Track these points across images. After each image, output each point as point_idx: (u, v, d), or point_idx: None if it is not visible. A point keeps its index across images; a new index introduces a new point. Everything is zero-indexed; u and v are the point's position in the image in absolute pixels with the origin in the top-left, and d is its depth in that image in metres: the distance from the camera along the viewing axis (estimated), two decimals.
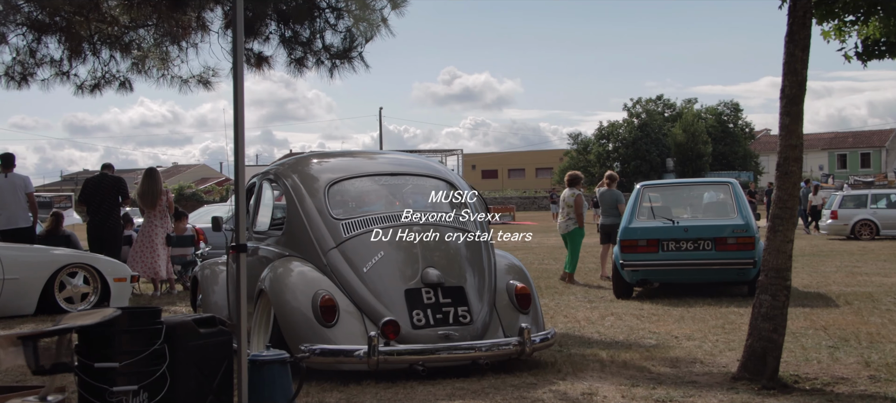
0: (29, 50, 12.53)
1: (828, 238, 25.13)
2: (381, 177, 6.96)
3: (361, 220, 6.31)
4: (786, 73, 5.72)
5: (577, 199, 13.58)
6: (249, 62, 13.15)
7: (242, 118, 4.51)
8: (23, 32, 12.20)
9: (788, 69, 5.71)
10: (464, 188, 7.00)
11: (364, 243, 6.16)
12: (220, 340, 4.67)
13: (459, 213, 6.70)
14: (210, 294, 7.92)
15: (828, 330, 8.26)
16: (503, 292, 6.35)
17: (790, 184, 5.72)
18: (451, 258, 6.27)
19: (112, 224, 12.79)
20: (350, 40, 12.24)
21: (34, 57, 12.67)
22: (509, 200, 64.99)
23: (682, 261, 11.14)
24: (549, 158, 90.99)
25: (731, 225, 11.07)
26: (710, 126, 75.02)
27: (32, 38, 12.41)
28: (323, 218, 6.32)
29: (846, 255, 18.41)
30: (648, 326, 8.76)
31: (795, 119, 5.72)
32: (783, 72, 5.73)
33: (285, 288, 6.04)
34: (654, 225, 11.40)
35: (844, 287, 12.18)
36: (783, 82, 5.74)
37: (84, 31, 12.43)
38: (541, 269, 16.33)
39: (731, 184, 12.01)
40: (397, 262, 6.10)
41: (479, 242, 6.54)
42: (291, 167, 7.03)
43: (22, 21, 12.05)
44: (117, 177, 13.29)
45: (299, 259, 6.33)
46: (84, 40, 12.73)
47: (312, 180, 6.64)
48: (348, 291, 5.97)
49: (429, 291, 5.97)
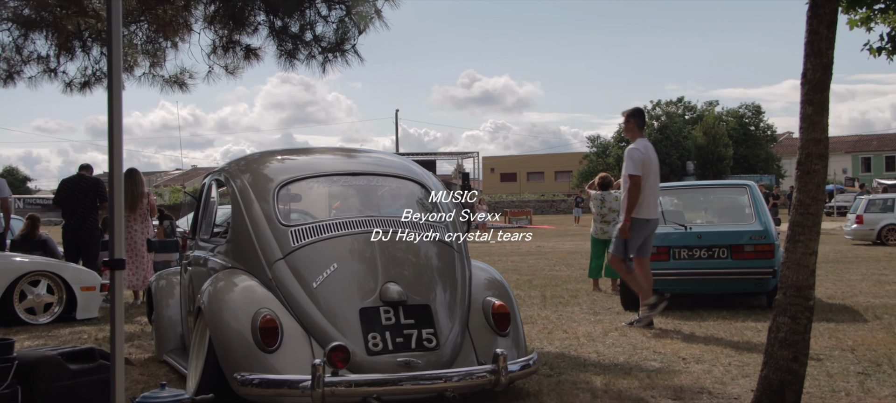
0: (15, 46, 11.93)
1: (852, 243, 24.10)
2: (341, 178, 6.07)
3: (314, 227, 5.44)
4: (808, 55, 4.82)
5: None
6: (237, 55, 12.45)
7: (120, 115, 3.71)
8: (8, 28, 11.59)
9: (811, 50, 4.81)
10: (437, 189, 6.12)
11: (315, 254, 5.30)
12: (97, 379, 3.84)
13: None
14: (164, 308, 7.12)
15: (856, 351, 7.33)
16: (478, 310, 5.46)
17: (813, 185, 4.81)
18: (418, 271, 5.40)
19: (89, 228, 12.05)
20: (343, 32, 11.50)
21: (21, 54, 12.03)
22: (527, 203, 64.14)
23: (695, 270, 10.23)
24: (568, 161, 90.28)
25: (749, 231, 10.15)
26: (732, 129, 73.95)
27: (19, 35, 11.77)
28: (270, 224, 5.47)
29: (872, 262, 17.44)
30: (654, 345, 7.86)
31: (819, 109, 4.81)
32: (805, 54, 4.83)
33: (223, 305, 5.20)
34: (664, 232, 10.48)
35: (872, 298, 11.23)
36: (805, 66, 4.84)
37: (72, 26, 11.79)
38: (550, 276, 15.50)
39: (749, 186, 11.07)
40: (353, 276, 5.23)
41: (452, 252, 5.66)
42: (242, 166, 6.19)
43: (7, 16, 11.43)
44: (95, 178, 12.54)
45: (244, 272, 5.49)
46: (73, 37, 12.11)
47: (263, 181, 5.79)
48: (295, 310, 5.12)
49: (388, 310, 5.10)
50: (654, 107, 76.02)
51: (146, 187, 12.86)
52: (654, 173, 8.74)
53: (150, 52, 12.83)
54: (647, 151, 8.71)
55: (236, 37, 11.83)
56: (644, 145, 8.75)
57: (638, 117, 8.98)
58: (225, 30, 11.93)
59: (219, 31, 12.07)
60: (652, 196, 8.72)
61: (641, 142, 8.80)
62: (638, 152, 8.67)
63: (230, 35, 11.77)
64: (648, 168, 8.65)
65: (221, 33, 12.06)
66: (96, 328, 9.52)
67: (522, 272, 16.62)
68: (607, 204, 12.81)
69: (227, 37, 11.79)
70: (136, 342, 8.48)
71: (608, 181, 13.13)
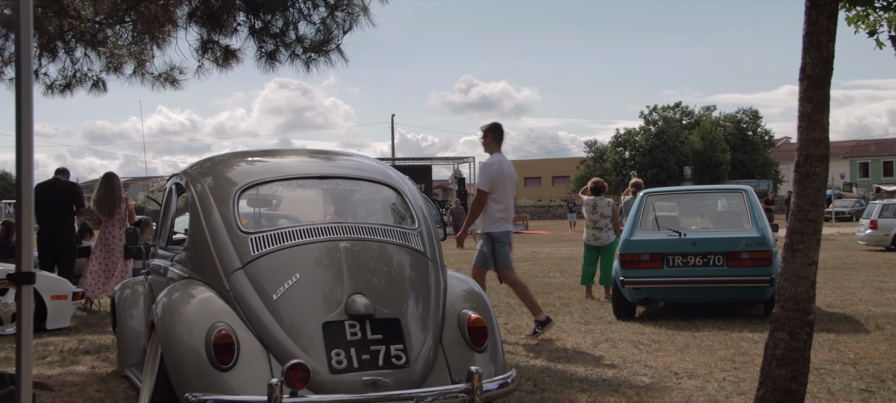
0: None
1: (867, 248, 23.77)
2: (307, 181, 5.66)
3: (275, 234, 5.03)
4: (807, 48, 4.44)
5: (615, 207, 12.64)
6: (215, 57, 12.10)
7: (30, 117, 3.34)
8: None
9: (810, 42, 4.43)
10: (413, 195, 5.72)
11: (276, 263, 4.90)
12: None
13: (404, 225, 5.43)
14: (127, 318, 6.71)
15: (858, 365, 6.94)
16: (453, 324, 5.06)
17: (813, 189, 4.43)
18: (388, 282, 5.00)
19: (64, 234, 11.66)
20: (327, 32, 11.13)
21: (2, 55, 11.70)
22: (524, 209, 63.80)
23: (690, 278, 9.85)
24: (565, 166, 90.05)
25: (745, 237, 9.77)
26: (729, 134, 73.71)
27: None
28: (229, 231, 5.07)
29: (872, 268, 17.07)
30: (646, 358, 7.48)
31: (819, 106, 4.43)
32: (804, 47, 4.46)
33: (176, 319, 4.80)
34: (658, 238, 10.12)
35: (873, 306, 10.85)
36: (804, 60, 4.46)
37: (53, 27, 11.44)
38: (543, 282, 15.13)
39: (745, 191, 10.68)
40: (317, 287, 4.82)
41: (425, 262, 5.26)
42: (203, 169, 5.78)
43: None
44: (71, 182, 12.15)
45: (201, 283, 5.09)
46: (55, 37, 11.77)
47: (223, 185, 5.38)
48: (253, 324, 4.72)
49: (354, 324, 4.70)
50: (652, 112, 75.74)
51: (124, 192, 12.47)
52: (507, 188, 8.86)
53: (136, 53, 12.50)
54: (501, 166, 8.81)
55: (215, 37, 11.48)
56: (498, 160, 8.81)
57: (495, 132, 9.02)
58: (204, 29, 11.58)
59: (198, 30, 11.73)
60: (506, 211, 8.86)
61: (496, 156, 8.88)
62: (490, 168, 8.82)
63: (209, 35, 11.42)
64: (500, 183, 8.76)
65: (200, 33, 11.72)
66: (65, 339, 9.12)
67: None
68: (600, 209, 12.44)
69: (205, 37, 11.43)
70: (102, 354, 8.09)
71: (601, 186, 12.77)
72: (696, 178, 66.93)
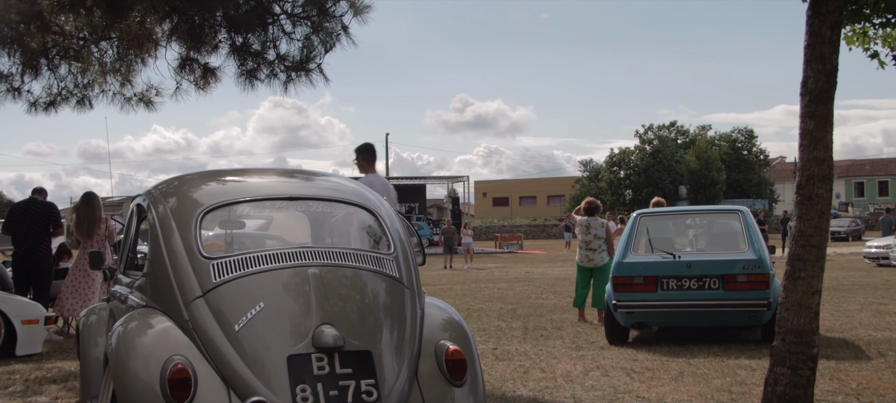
0: None
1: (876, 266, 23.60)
2: (276, 202, 5.31)
3: (239, 259, 4.67)
4: (808, 61, 4.12)
5: (609, 228, 12.41)
6: (194, 76, 11.81)
7: None
8: None
9: (812, 54, 4.11)
10: (390, 217, 5.38)
11: (239, 291, 4.54)
12: None
13: (379, 250, 5.09)
14: (91, 347, 6.34)
15: (861, 396, 6.59)
16: (430, 355, 4.70)
17: (815, 212, 4.10)
18: (360, 311, 4.64)
19: (40, 255, 11.30)
20: (308, 50, 10.85)
21: None
22: (519, 228, 63.49)
23: (685, 302, 9.52)
24: (560, 186, 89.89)
25: (742, 260, 9.44)
26: (724, 153, 73.66)
27: None
28: (190, 256, 4.71)
29: (869, 290, 16.76)
30: (638, 387, 7.13)
31: (822, 123, 4.11)
32: (805, 59, 4.13)
33: (130, 351, 4.45)
34: (651, 260, 9.79)
35: (873, 331, 10.53)
36: (805, 73, 4.14)
37: (36, 43, 11.15)
38: (536, 304, 14.80)
39: (742, 212, 10.36)
40: (282, 317, 4.46)
41: (401, 289, 4.91)
42: (166, 189, 5.43)
43: None
44: (48, 202, 11.80)
45: (159, 312, 4.74)
46: (38, 54, 11.49)
47: (186, 207, 5.03)
48: (213, 357, 4.36)
49: (321, 358, 4.34)
50: (647, 131, 75.71)
51: (104, 212, 12.12)
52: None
53: (122, 71, 12.23)
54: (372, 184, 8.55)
55: (194, 55, 11.19)
56: (370, 181, 8.64)
57: (366, 153, 8.87)
58: (184, 46, 11.30)
59: (179, 49, 11.46)
60: None
61: (368, 177, 8.76)
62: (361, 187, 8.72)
63: (188, 53, 11.13)
64: None
65: (180, 51, 11.44)
66: (33, 366, 8.75)
67: (507, 300, 15.90)
68: (593, 230, 12.12)
69: (184, 54, 11.14)
70: (69, 383, 7.73)
71: (595, 206, 12.45)
72: (691, 198, 66.72)
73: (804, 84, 4.13)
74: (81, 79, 12.23)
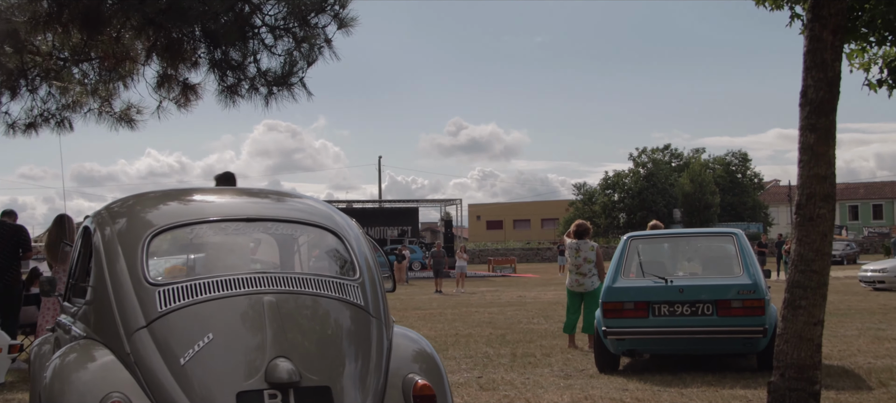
0: None
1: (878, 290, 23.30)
2: (231, 224, 4.91)
3: (188, 286, 4.27)
4: (809, 68, 3.75)
5: (599, 251, 11.94)
6: (173, 94, 11.47)
7: None
8: None
9: (813, 61, 3.74)
10: (357, 241, 4.98)
11: (187, 320, 4.14)
12: None
13: (344, 276, 4.69)
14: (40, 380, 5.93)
15: None
16: (397, 391, 4.30)
17: (816, 234, 3.72)
18: (320, 343, 4.24)
19: (9, 280, 10.86)
20: (290, 64, 10.51)
21: None
22: (512, 251, 63.11)
23: (677, 329, 9.13)
24: (554, 209, 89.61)
25: (736, 284, 9.06)
26: (718, 176, 73.51)
27: None
28: (135, 283, 4.31)
29: (867, 314, 16.44)
30: None
31: (824, 137, 3.73)
32: (805, 67, 3.76)
33: (65, 387, 4.05)
34: (642, 285, 9.41)
35: (873, 358, 10.15)
36: (805, 82, 3.77)
37: (14, 64, 10.82)
38: (526, 330, 14.42)
39: (736, 235, 9.98)
40: (233, 350, 4.06)
41: (367, 319, 4.51)
42: (114, 211, 5.03)
43: None
44: (18, 225, 11.37)
45: (100, 344, 4.33)
46: (17, 75, 11.15)
47: (133, 229, 4.64)
48: (156, 393, 3.96)
49: (275, 395, 3.94)
50: (641, 154, 75.56)
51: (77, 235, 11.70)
52: None
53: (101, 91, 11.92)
54: None
55: (172, 72, 10.86)
56: None
57: (224, 182, 8.61)
58: (164, 63, 10.96)
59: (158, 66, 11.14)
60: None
61: None
62: None
63: (166, 70, 10.78)
64: None
65: (159, 68, 11.11)
66: None
67: (497, 325, 15.50)
68: (583, 254, 11.74)
69: (162, 72, 10.80)
70: None
71: (585, 229, 12.07)
72: (685, 221, 66.45)
73: (804, 93, 3.76)
74: (62, 100, 11.92)
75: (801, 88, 3.81)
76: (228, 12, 9.78)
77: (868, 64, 6.44)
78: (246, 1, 10.10)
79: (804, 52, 3.80)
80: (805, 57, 3.80)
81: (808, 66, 3.75)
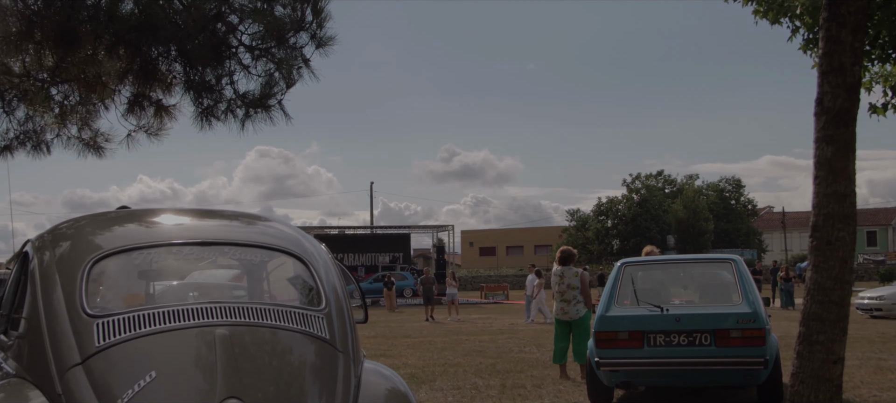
0: None
1: None
2: (184, 248, 4.45)
3: (129, 317, 3.82)
4: (825, 73, 3.33)
5: (584, 277, 11.51)
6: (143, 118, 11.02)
7: None
8: None
9: (829, 65, 3.32)
10: (325, 268, 4.53)
11: (127, 357, 3.69)
12: None
13: (308, 306, 4.24)
14: None
15: None
16: None
17: (835, 260, 3.29)
18: (277, 380, 3.79)
19: None
20: (268, 86, 10.11)
21: None
22: (505, 278, 62.67)
23: (674, 360, 8.67)
24: (548, 235, 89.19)
25: (735, 313, 8.60)
26: (712, 203, 73.21)
27: None
28: (72, 315, 3.86)
29: (866, 343, 16.00)
30: None
31: (843, 150, 3.31)
32: (820, 72, 3.35)
33: None
34: (637, 314, 8.96)
35: (877, 391, 9.72)
36: (821, 88, 3.36)
37: None
38: (517, 359, 13.96)
39: (734, 261, 9.54)
40: (179, 389, 3.60)
41: (334, 354, 4.06)
42: (55, 235, 4.57)
43: None
44: None
45: (29, 384, 3.86)
46: None
47: (74, 255, 4.18)
48: None
49: None
50: (634, 181, 75.30)
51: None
52: None
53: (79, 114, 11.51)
54: None
55: (148, 92, 10.44)
56: None
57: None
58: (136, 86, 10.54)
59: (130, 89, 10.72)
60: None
61: None
62: None
63: (139, 91, 10.36)
64: None
65: (132, 93, 10.69)
66: None
67: (488, 354, 15.03)
68: (567, 280, 11.32)
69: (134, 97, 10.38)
70: None
71: (570, 255, 11.64)
72: (679, 247, 66.05)
73: (819, 101, 3.34)
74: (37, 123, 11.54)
75: (817, 96, 3.40)
76: (202, 32, 9.38)
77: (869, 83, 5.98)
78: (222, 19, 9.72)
79: (820, 55, 3.39)
80: (820, 60, 3.39)
81: (825, 70, 3.34)
